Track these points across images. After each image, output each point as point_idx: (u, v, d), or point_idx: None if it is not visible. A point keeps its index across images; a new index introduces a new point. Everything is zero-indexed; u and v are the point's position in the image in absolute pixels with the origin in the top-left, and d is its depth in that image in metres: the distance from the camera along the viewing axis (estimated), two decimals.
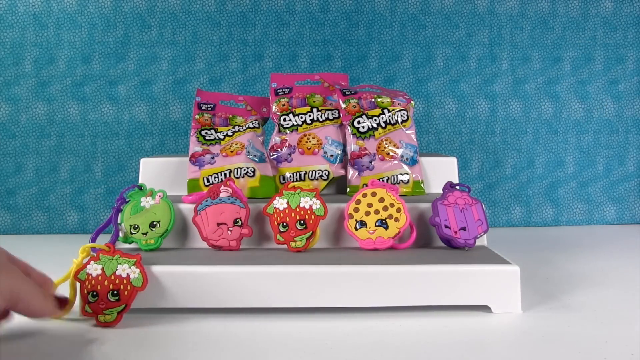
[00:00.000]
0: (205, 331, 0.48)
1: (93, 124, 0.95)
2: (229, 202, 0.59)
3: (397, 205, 0.59)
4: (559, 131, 1.00)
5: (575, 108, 1.00)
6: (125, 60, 0.95)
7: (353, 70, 0.98)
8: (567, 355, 0.42)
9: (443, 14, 0.98)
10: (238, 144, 0.68)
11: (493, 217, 0.99)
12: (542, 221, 1.00)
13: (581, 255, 0.76)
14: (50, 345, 0.45)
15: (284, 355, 0.43)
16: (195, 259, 0.54)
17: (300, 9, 0.97)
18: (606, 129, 1.01)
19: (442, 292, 0.52)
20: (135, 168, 0.95)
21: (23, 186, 0.94)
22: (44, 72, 0.94)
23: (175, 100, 0.96)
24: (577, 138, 1.00)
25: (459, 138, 0.99)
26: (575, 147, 1.00)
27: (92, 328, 0.48)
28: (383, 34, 0.98)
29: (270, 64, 0.97)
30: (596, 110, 1.01)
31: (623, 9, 1.00)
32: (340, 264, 0.52)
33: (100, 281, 0.49)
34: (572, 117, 1.00)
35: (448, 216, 0.58)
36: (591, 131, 1.01)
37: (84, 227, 0.95)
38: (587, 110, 1.01)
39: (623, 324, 0.49)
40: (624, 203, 1.01)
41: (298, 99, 0.73)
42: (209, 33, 0.96)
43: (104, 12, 0.95)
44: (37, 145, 0.95)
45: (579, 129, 1.00)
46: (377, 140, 0.69)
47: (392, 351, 0.43)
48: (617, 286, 0.61)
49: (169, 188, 0.67)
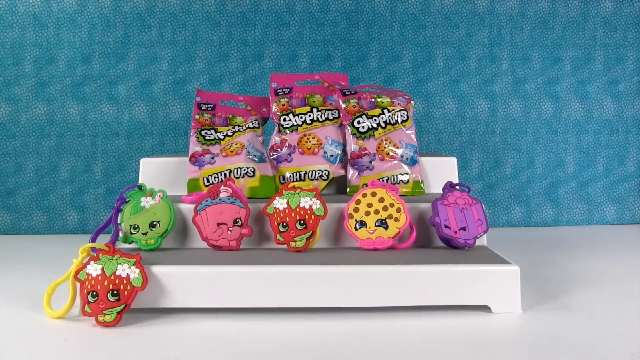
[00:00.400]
0: (205, 331, 0.48)
1: (93, 124, 0.95)
2: (229, 202, 0.59)
3: (397, 205, 0.59)
4: (559, 131, 1.00)
5: (575, 108, 1.00)
6: (125, 60, 0.95)
7: (353, 70, 0.98)
8: (567, 355, 0.42)
9: (443, 14, 0.98)
10: (238, 144, 0.68)
11: (493, 217, 0.99)
12: (542, 221, 1.00)
13: (581, 255, 0.76)
14: (50, 345, 0.45)
15: (284, 355, 0.43)
16: (195, 259, 0.54)
17: (300, 9, 0.97)
18: (606, 129, 1.01)
19: (442, 292, 0.52)
20: (135, 168, 0.95)
21: (23, 186, 0.94)
22: (44, 72, 0.94)
23: (175, 100, 0.96)
24: (577, 138, 1.00)
25: (459, 138, 0.99)
26: (575, 147, 1.00)
27: (92, 328, 0.48)
28: (383, 34, 0.98)
29: (270, 64, 0.97)
30: (596, 110, 1.01)
31: (623, 9, 1.00)
32: (340, 264, 0.52)
33: (100, 281, 0.49)
34: (572, 117, 1.00)
35: (448, 216, 0.58)
36: (591, 131, 1.01)
37: (84, 227, 0.95)
38: (587, 110, 1.00)
39: (623, 324, 0.49)
40: (623, 203, 1.01)
41: (298, 99, 0.73)
42: (208, 33, 0.96)
43: (103, 12, 0.95)
44: (37, 145, 0.95)
45: (579, 129, 1.00)
46: (377, 140, 0.69)
47: (392, 351, 0.43)
48: (617, 286, 0.61)
49: (168, 188, 0.67)
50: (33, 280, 0.64)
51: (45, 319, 0.51)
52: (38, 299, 0.55)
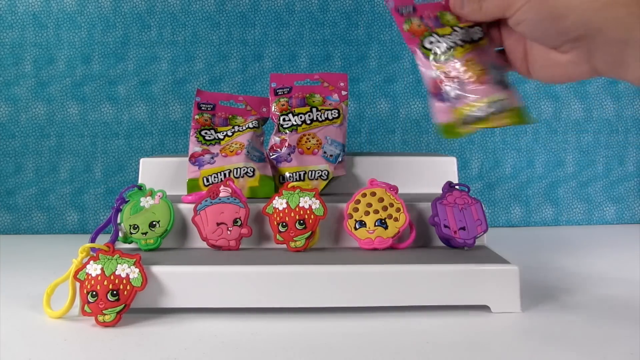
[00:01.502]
0: (205, 331, 0.48)
1: (93, 124, 0.95)
2: (229, 202, 0.59)
3: (397, 205, 0.59)
4: (558, 131, 1.00)
5: (574, 107, 1.00)
6: (124, 60, 0.95)
7: (353, 70, 0.98)
8: (567, 355, 0.42)
9: None
10: (238, 144, 0.68)
11: (493, 217, 0.99)
12: (541, 221, 1.00)
13: (581, 255, 0.76)
14: (50, 345, 0.45)
15: (284, 355, 0.43)
16: (195, 259, 0.54)
17: (299, 8, 0.97)
18: (606, 129, 1.01)
19: (441, 292, 0.52)
20: (135, 168, 0.95)
21: (23, 186, 0.94)
22: (44, 72, 0.94)
23: (175, 100, 0.96)
24: (577, 138, 1.00)
25: (459, 138, 0.99)
26: (575, 147, 1.00)
27: (92, 328, 0.48)
28: (383, 34, 0.98)
29: (269, 64, 0.97)
30: (596, 110, 1.01)
31: None
32: (340, 264, 0.52)
33: (100, 281, 0.49)
34: (571, 116, 1.00)
35: (447, 216, 0.58)
36: (591, 131, 1.01)
37: (83, 227, 0.95)
38: (587, 109, 1.00)
39: (623, 324, 0.49)
40: (623, 203, 1.01)
41: (297, 99, 0.73)
42: (208, 33, 0.96)
43: (103, 12, 0.95)
44: (37, 145, 0.95)
45: (579, 128, 1.00)
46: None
47: (392, 351, 0.43)
48: (617, 286, 0.61)
49: (168, 188, 0.67)
50: (33, 280, 0.64)
51: (45, 319, 0.51)
52: (38, 298, 0.55)
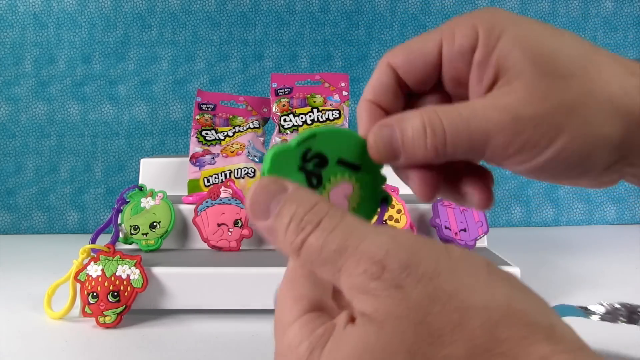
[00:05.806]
0: (205, 332, 0.48)
1: (93, 124, 0.95)
2: (230, 203, 0.59)
3: (398, 206, 0.59)
4: None
5: None
6: (125, 60, 0.95)
7: (353, 70, 0.97)
8: None
9: (443, 14, 0.98)
10: (238, 144, 0.68)
11: (493, 217, 0.99)
12: (542, 221, 1.00)
13: (581, 256, 0.76)
14: (51, 346, 0.45)
15: None
16: (196, 260, 0.54)
17: (300, 9, 0.97)
18: None
19: None
20: (135, 168, 0.95)
21: (23, 186, 0.94)
22: (44, 72, 0.94)
23: (176, 100, 0.96)
24: None
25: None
26: None
27: (93, 329, 0.48)
28: (383, 34, 0.98)
29: (270, 64, 0.97)
30: None
31: (623, 9, 1.00)
32: None
33: (101, 282, 0.49)
34: None
35: (448, 217, 0.58)
36: None
37: (84, 227, 0.95)
38: None
39: (623, 323, 0.49)
40: (624, 203, 1.01)
41: (298, 99, 0.73)
42: (209, 33, 0.96)
43: (104, 12, 0.95)
44: (37, 145, 0.94)
45: None
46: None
47: None
48: (617, 286, 0.61)
49: (169, 188, 0.67)
50: (33, 280, 0.64)
51: (46, 320, 0.51)
52: (38, 299, 0.55)
